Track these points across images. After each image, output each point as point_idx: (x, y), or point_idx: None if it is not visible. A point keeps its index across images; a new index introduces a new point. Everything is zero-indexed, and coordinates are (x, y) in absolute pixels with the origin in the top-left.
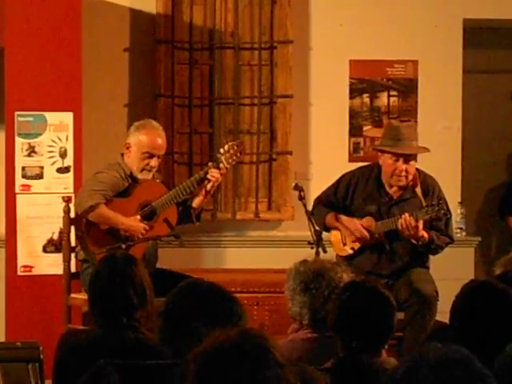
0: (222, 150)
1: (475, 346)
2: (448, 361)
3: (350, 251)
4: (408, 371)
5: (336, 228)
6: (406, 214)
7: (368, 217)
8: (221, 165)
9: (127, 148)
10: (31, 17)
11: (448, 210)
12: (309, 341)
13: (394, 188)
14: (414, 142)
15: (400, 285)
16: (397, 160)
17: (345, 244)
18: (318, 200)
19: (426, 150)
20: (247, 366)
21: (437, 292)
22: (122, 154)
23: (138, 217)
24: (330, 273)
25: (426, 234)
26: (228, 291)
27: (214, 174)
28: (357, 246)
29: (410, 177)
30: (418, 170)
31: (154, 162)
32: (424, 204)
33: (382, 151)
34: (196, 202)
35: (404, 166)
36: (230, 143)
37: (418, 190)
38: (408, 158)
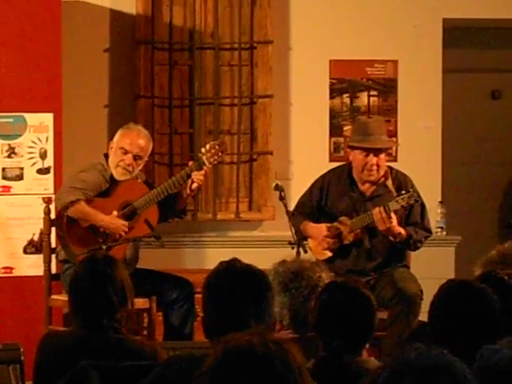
0: (203, 150)
1: (452, 346)
2: (431, 366)
3: (329, 254)
4: (391, 377)
5: (309, 236)
6: (377, 207)
7: (343, 217)
8: (204, 166)
9: (111, 148)
10: (10, 17)
11: (419, 197)
12: (290, 341)
13: (367, 184)
14: (383, 136)
15: (384, 284)
16: (367, 155)
17: (323, 248)
18: (294, 209)
19: (395, 143)
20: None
21: (421, 291)
22: (106, 155)
23: (115, 213)
24: (308, 272)
25: (403, 231)
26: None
27: (198, 176)
28: (331, 250)
29: (381, 171)
30: (389, 167)
31: (128, 160)
32: (395, 195)
33: (353, 147)
34: (179, 201)
35: (374, 160)
36: (212, 143)
37: (390, 183)
38: (377, 152)
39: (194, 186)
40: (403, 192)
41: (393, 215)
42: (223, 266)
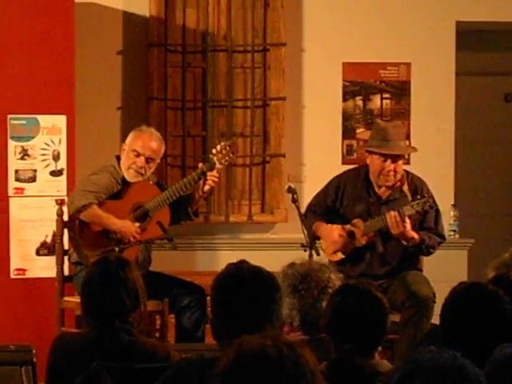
0: (214, 151)
1: (465, 348)
2: (444, 369)
3: (342, 255)
4: (403, 379)
5: (321, 238)
6: (392, 211)
7: (357, 219)
8: (216, 166)
9: (123, 150)
10: (24, 20)
11: (435, 203)
12: (303, 344)
13: (383, 188)
14: (402, 141)
15: (396, 287)
16: (384, 160)
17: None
18: (308, 208)
19: (414, 149)
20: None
21: (434, 294)
22: (118, 157)
23: (131, 218)
24: (317, 274)
25: (416, 235)
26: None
27: (211, 176)
28: (342, 254)
29: (398, 176)
30: (406, 171)
31: (140, 162)
32: (410, 200)
33: (370, 152)
34: (192, 202)
35: (392, 166)
36: (223, 143)
37: (406, 188)
38: (396, 158)
39: (207, 187)
40: (418, 197)
41: (407, 220)
42: (231, 268)
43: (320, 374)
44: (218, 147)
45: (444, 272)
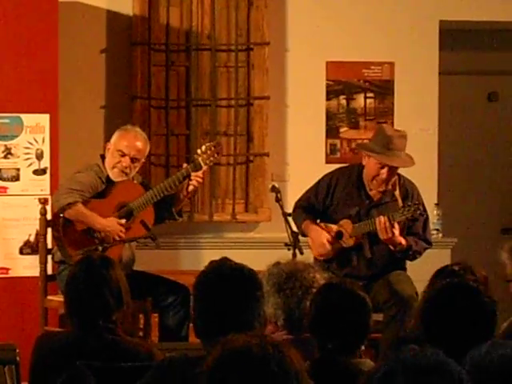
0: (199, 151)
1: (446, 345)
2: (426, 366)
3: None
4: (385, 376)
5: (309, 237)
6: (381, 216)
7: (345, 220)
8: (201, 166)
9: (108, 149)
10: (7, 18)
11: (425, 210)
12: (289, 344)
13: (374, 190)
14: (403, 152)
15: (379, 286)
16: (382, 167)
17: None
18: (298, 202)
19: (413, 162)
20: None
21: (417, 293)
22: (103, 156)
23: (115, 217)
24: (303, 273)
25: (403, 241)
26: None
27: (196, 177)
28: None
29: (391, 183)
30: (398, 174)
31: (125, 162)
32: (400, 205)
33: (370, 156)
34: (176, 202)
35: (387, 174)
36: (208, 144)
37: (397, 193)
38: (393, 167)
39: (191, 188)
40: (409, 204)
41: (396, 226)
42: (212, 266)
43: (306, 374)
44: (203, 148)
45: (427, 271)
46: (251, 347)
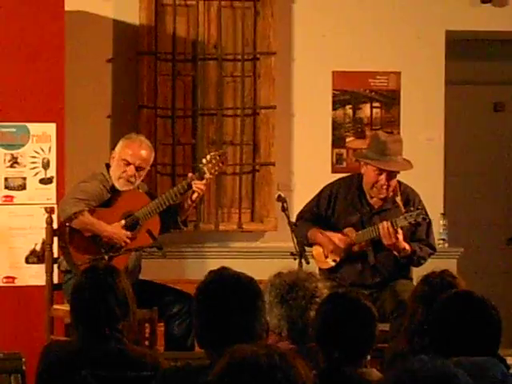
0: (204, 160)
1: (454, 356)
2: (434, 377)
3: (332, 263)
4: None
5: (317, 243)
6: (384, 222)
7: (348, 228)
8: (205, 175)
9: (112, 158)
10: (14, 27)
11: (427, 215)
12: (297, 355)
13: (375, 198)
14: (399, 156)
15: (385, 296)
16: (380, 174)
17: (327, 257)
18: (301, 214)
19: (410, 166)
20: None
21: None
22: (108, 165)
23: (122, 222)
24: (305, 283)
25: (407, 246)
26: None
27: (198, 185)
28: (338, 258)
29: (391, 189)
30: (398, 181)
31: (130, 171)
32: (403, 211)
33: (367, 163)
34: (181, 212)
35: (386, 180)
36: (213, 153)
37: (398, 199)
38: (391, 172)
39: (195, 196)
40: (412, 209)
41: (399, 231)
42: (212, 276)
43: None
44: (208, 157)
45: None
46: (258, 357)
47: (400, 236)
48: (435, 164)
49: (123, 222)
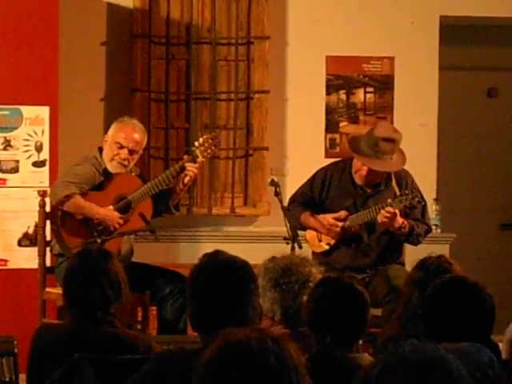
0: (196, 143)
1: (446, 341)
2: (425, 361)
3: (326, 247)
4: (384, 371)
5: (310, 228)
6: (382, 212)
7: (342, 211)
8: (197, 159)
9: (105, 141)
10: (7, 10)
11: (423, 199)
12: (289, 339)
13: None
14: (389, 156)
15: (378, 281)
16: (363, 165)
17: (320, 240)
18: (293, 198)
19: (398, 167)
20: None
21: None
22: (100, 149)
23: (111, 207)
24: (298, 268)
25: (406, 222)
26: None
27: (191, 168)
28: (332, 241)
29: (372, 183)
30: None
31: (123, 154)
32: (398, 194)
33: (354, 154)
34: (173, 196)
35: (367, 173)
36: (205, 136)
37: (394, 182)
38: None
39: (186, 179)
40: (407, 192)
41: (397, 211)
42: (206, 259)
43: (304, 369)
44: (201, 140)
45: None
46: (250, 341)
47: (397, 212)
48: (428, 149)
49: (111, 207)
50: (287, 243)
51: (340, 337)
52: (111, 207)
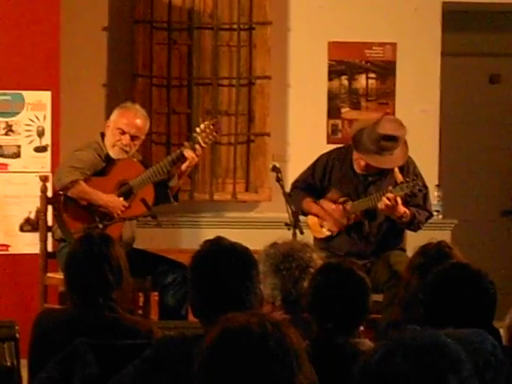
0: (198, 130)
1: (444, 328)
2: (425, 346)
3: (328, 233)
4: (384, 356)
5: (312, 214)
6: (384, 199)
7: (343, 198)
8: (196, 145)
9: (108, 126)
10: None
11: (424, 185)
12: (289, 324)
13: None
14: (395, 150)
15: (379, 267)
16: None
17: (322, 226)
18: (295, 183)
19: (396, 164)
20: (267, 361)
21: None
22: (102, 134)
23: (115, 194)
24: (299, 253)
25: (407, 211)
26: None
27: (189, 153)
28: (333, 228)
29: (369, 173)
30: None
31: (125, 140)
32: (399, 181)
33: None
34: (172, 182)
35: (363, 165)
36: (206, 122)
37: (396, 169)
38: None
39: (184, 165)
40: (408, 179)
41: (398, 200)
42: (207, 245)
43: (304, 354)
44: (202, 126)
45: None
46: (250, 325)
47: (399, 200)
48: (430, 135)
49: (117, 192)
50: (288, 229)
51: (341, 323)
52: (114, 195)
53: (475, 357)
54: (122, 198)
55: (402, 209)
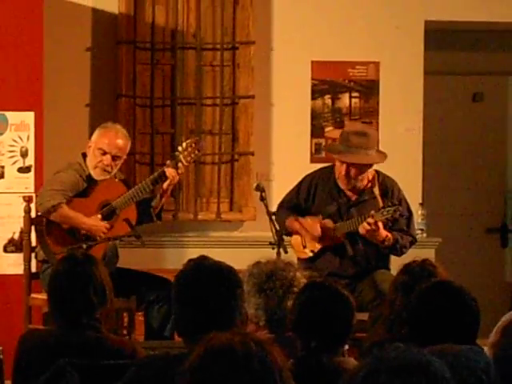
0: (180, 148)
1: (432, 346)
2: (410, 365)
3: (310, 254)
4: (368, 375)
5: (295, 231)
6: (365, 223)
7: (326, 220)
8: (178, 164)
9: (89, 147)
10: None
11: (409, 209)
12: (272, 343)
13: (350, 189)
14: (363, 150)
15: (364, 286)
16: (341, 165)
17: (305, 246)
18: (281, 204)
19: (375, 160)
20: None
21: None
22: (84, 154)
23: (99, 216)
24: (283, 272)
25: (390, 235)
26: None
27: (170, 172)
28: (317, 248)
29: (365, 181)
30: (376, 171)
31: (106, 161)
32: (381, 205)
33: (330, 154)
34: (155, 202)
35: (345, 172)
36: (188, 141)
37: (376, 190)
38: (354, 165)
39: (165, 184)
40: (389, 204)
41: (379, 224)
42: (191, 264)
43: (288, 372)
44: (184, 145)
45: None
46: (234, 345)
47: (380, 225)
48: (414, 154)
49: (99, 216)
50: (273, 248)
51: (325, 341)
52: (98, 216)
53: (467, 374)
54: (105, 221)
55: (383, 233)
